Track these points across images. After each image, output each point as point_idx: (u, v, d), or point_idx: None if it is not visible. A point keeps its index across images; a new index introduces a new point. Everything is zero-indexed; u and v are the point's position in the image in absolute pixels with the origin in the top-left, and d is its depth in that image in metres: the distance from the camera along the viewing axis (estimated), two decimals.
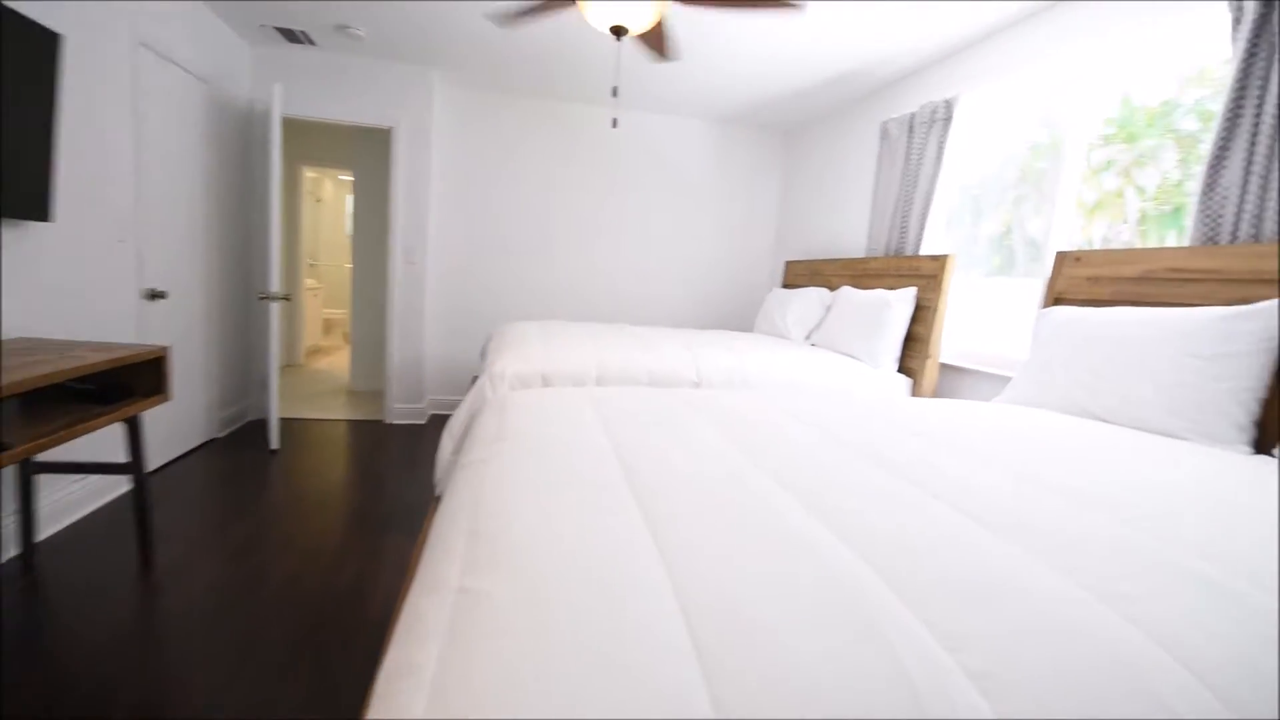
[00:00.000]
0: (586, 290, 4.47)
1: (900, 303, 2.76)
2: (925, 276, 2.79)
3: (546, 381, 2.37)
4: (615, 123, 2.44)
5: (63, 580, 1.86)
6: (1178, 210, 2.14)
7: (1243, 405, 1.47)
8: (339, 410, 4.20)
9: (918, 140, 2.97)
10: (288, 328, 5.47)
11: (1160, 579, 0.68)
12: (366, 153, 4.54)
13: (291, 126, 4.33)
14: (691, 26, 2.82)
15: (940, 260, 2.71)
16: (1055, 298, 2.16)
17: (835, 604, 0.60)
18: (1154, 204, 2.22)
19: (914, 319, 2.81)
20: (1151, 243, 2.20)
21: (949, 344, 2.81)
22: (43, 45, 1.85)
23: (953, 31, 2.72)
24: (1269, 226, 1.58)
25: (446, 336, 4.25)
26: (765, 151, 4.61)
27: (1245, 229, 1.64)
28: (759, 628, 0.55)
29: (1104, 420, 1.69)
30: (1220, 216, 1.72)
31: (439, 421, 4.03)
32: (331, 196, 7.80)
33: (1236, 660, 0.55)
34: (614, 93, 2.31)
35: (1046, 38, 2.44)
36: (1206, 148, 1.91)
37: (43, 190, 1.90)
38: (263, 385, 3.61)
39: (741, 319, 4.75)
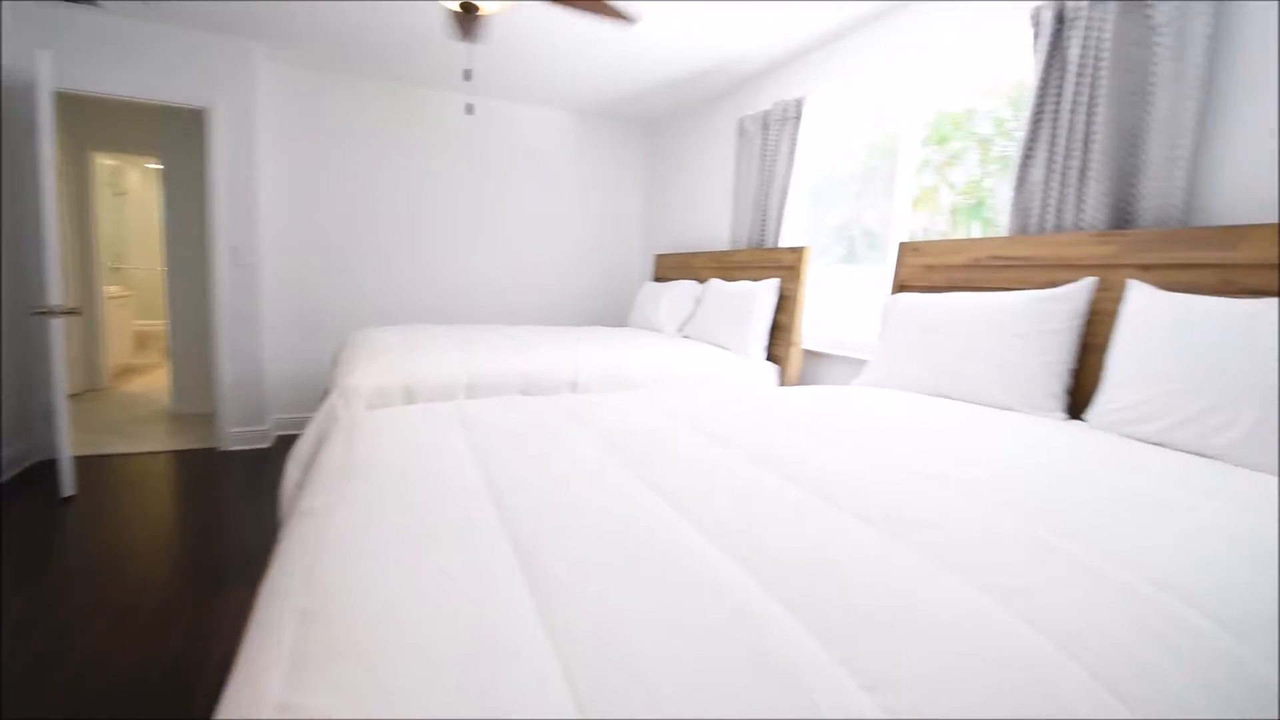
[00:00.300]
0: (453, 290, 4.20)
1: (765, 293, 2.86)
2: (785, 267, 2.92)
3: (410, 395, 2.16)
4: (470, 108, 2.27)
5: None
6: (980, 203, 2.41)
7: (1058, 377, 1.66)
8: (158, 440, 3.59)
9: (772, 137, 3.08)
10: (84, 346, 4.60)
11: (1045, 568, 0.71)
12: (178, 138, 3.90)
13: (75, 105, 3.60)
14: (552, 16, 2.70)
15: (798, 252, 2.84)
16: (900, 285, 2.33)
17: (738, 640, 0.55)
18: (962, 198, 2.48)
19: (778, 308, 2.93)
20: (960, 232, 2.45)
21: (809, 331, 2.96)
22: None
23: (800, 33, 2.84)
24: (1069, 218, 1.80)
25: (292, 346, 3.79)
26: (629, 145, 4.60)
27: (1050, 220, 1.85)
28: (657, 688, 0.49)
29: (949, 397, 1.85)
30: (1029, 210, 1.94)
31: (288, 443, 3.57)
32: (139, 189, 6.70)
33: (1135, 660, 0.57)
34: (466, 76, 2.14)
35: (879, 46, 2.62)
36: (999, 150, 2.14)
37: None
38: (48, 418, 2.98)
39: (616, 314, 4.72)
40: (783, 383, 2.87)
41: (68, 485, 2.66)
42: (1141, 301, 1.50)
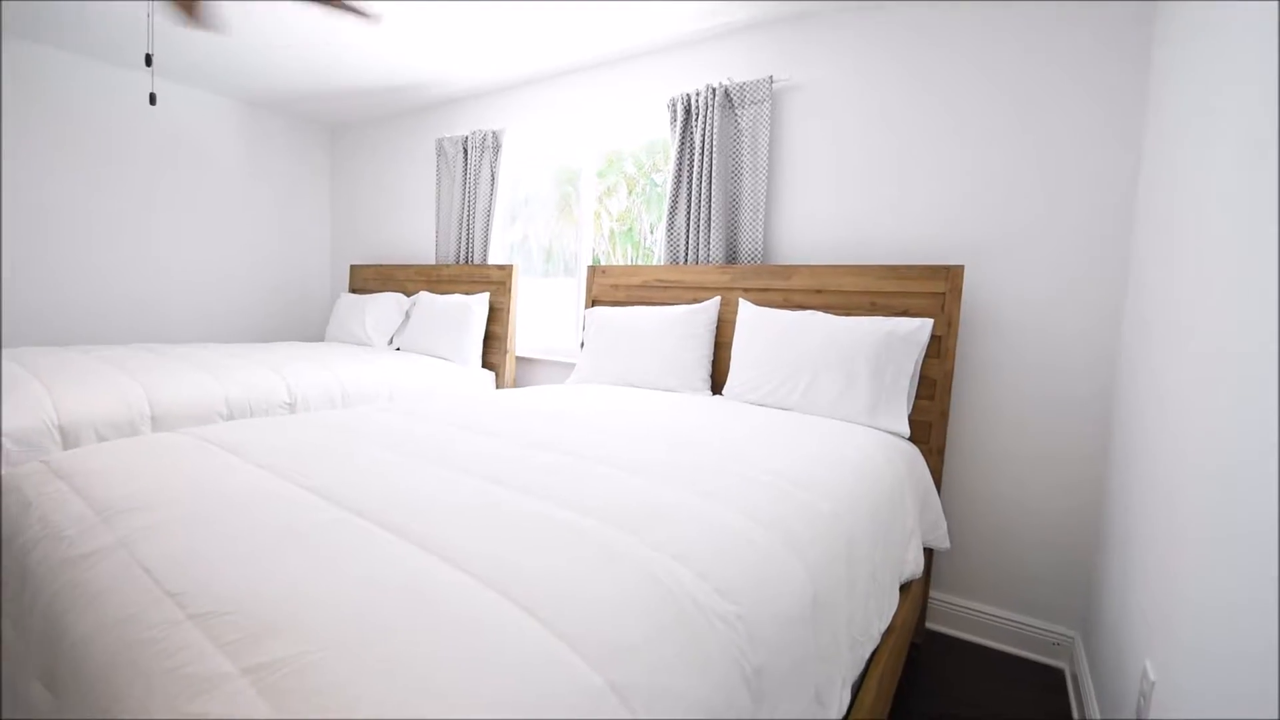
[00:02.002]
0: (74, 306, 3.29)
1: (478, 306, 3.12)
2: (495, 283, 3.22)
3: (68, 436, 1.80)
4: (153, 99, 1.93)
5: None
6: (630, 229, 3.13)
7: (703, 365, 2.36)
8: None
9: (472, 162, 3.33)
10: None
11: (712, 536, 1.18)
12: None
13: None
14: None
15: (506, 269, 3.18)
16: (593, 300, 2.86)
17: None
18: (618, 224, 3.17)
19: (490, 319, 3.22)
20: (618, 252, 3.14)
21: (520, 339, 3.33)
22: None
23: (496, 73, 3.16)
24: (702, 254, 2.53)
25: None
26: (311, 147, 4.26)
27: (691, 255, 2.57)
28: None
29: (636, 386, 2.41)
30: (678, 246, 2.64)
31: None
32: None
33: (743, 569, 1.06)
34: (148, 61, 1.83)
35: (564, 95, 3.12)
36: (641, 187, 2.81)
37: None
38: None
39: (302, 329, 4.33)
40: (499, 387, 3.17)
41: None
42: (747, 314, 2.26)
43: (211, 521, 0.89)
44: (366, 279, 3.95)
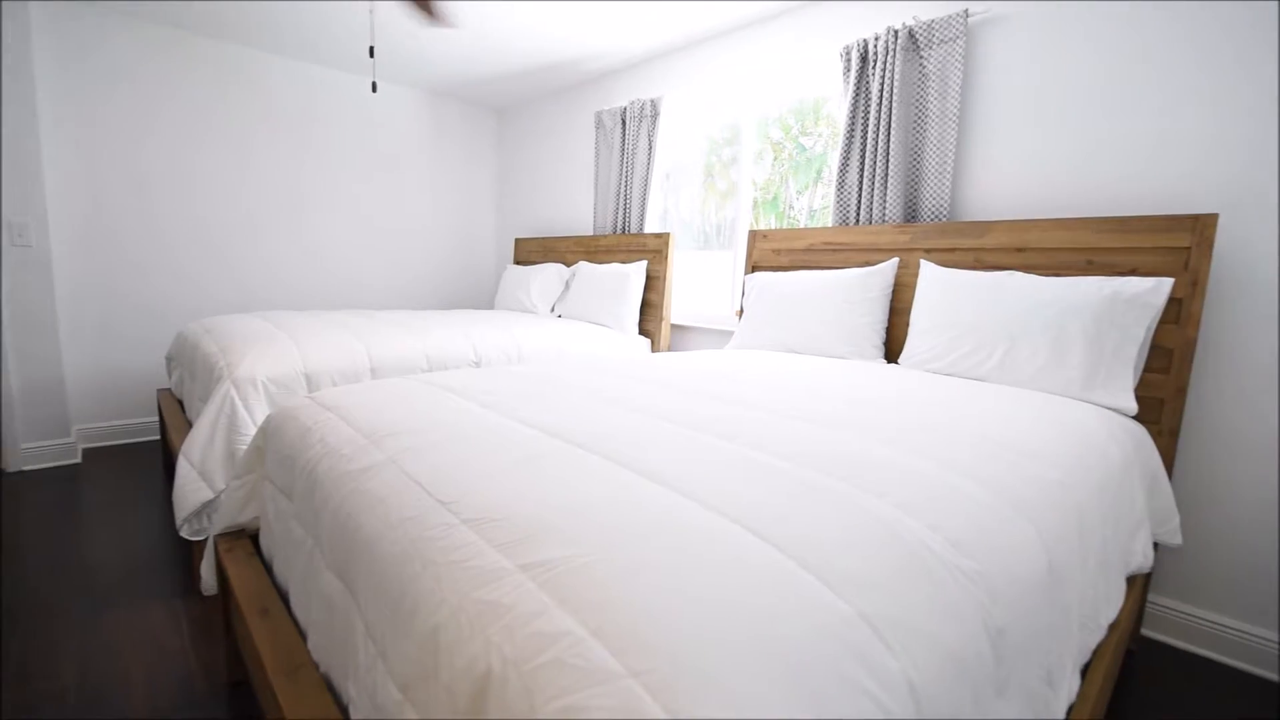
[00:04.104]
0: (293, 276, 3.87)
1: (635, 274, 3.20)
2: (651, 251, 3.28)
3: (311, 381, 2.12)
4: (375, 87, 2.19)
5: None
6: (775, 198, 2.98)
7: (877, 332, 2.23)
8: None
9: (630, 133, 3.39)
10: None
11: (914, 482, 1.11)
12: None
13: None
14: None
15: (663, 238, 3.22)
16: (753, 266, 2.81)
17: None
18: (761, 193, 3.05)
19: (646, 288, 3.29)
20: (761, 223, 3.02)
21: (674, 307, 3.37)
22: None
23: (656, 40, 3.17)
24: (876, 213, 2.38)
25: (99, 343, 3.25)
26: (480, 128, 4.60)
27: (864, 215, 2.42)
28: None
29: (800, 352, 2.34)
30: (849, 207, 2.50)
31: (101, 456, 3.11)
32: None
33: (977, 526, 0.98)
34: (370, 53, 2.08)
35: (726, 57, 3.06)
36: (788, 153, 2.67)
37: None
38: None
39: (471, 297, 4.73)
40: (655, 353, 3.23)
41: None
42: (930, 276, 2.09)
43: (460, 445, 1.01)
44: (529, 251, 4.21)
